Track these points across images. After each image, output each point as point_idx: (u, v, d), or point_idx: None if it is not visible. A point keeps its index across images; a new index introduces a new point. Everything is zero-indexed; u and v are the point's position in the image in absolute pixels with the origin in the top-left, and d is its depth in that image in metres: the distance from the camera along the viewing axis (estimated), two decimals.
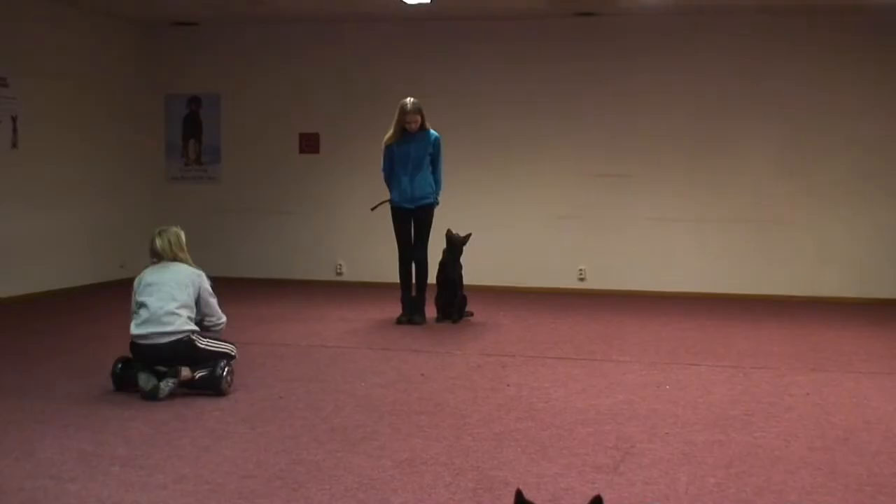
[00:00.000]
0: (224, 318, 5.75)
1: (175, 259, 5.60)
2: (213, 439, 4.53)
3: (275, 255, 10.85)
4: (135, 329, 5.41)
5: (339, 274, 10.73)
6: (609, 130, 10.01)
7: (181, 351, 5.37)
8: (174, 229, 5.72)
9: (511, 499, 2.59)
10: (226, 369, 5.42)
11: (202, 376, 5.38)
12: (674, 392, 5.59)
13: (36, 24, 9.38)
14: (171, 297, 5.41)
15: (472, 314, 8.21)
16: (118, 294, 9.66)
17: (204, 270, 5.73)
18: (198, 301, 5.55)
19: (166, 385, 5.29)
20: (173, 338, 5.36)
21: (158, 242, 5.63)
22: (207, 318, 5.64)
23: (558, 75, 10.09)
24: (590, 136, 10.07)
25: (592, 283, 10.09)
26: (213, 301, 5.65)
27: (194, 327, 5.47)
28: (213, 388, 5.37)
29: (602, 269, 10.08)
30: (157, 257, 5.63)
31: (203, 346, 5.48)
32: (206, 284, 5.61)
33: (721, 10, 9.56)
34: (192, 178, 11.08)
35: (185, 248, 5.68)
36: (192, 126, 11.07)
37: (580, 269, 10.15)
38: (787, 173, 9.69)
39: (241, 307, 8.65)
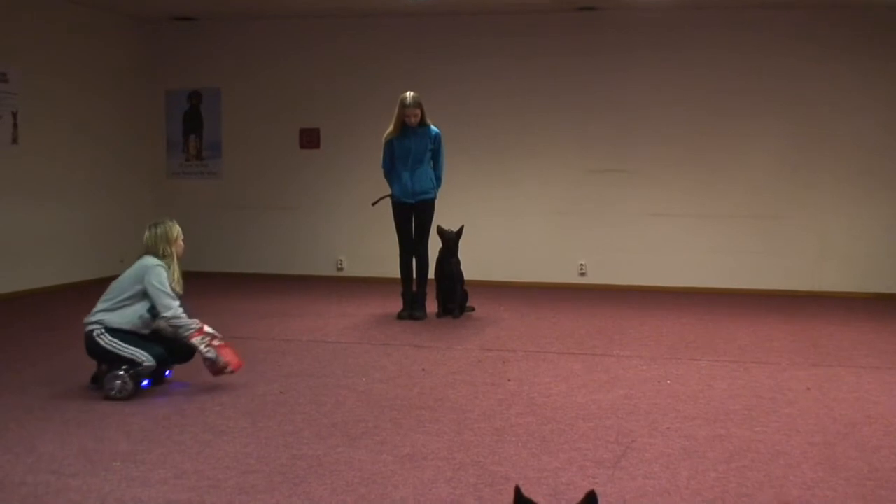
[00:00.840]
0: (171, 311, 5.33)
1: (151, 253, 5.48)
2: (214, 434, 4.53)
3: (275, 251, 10.85)
4: None
5: (340, 269, 10.73)
6: (610, 125, 10.01)
7: (89, 345, 5.36)
8: (167, 223, 5.56)
9: (512, 494, 2.59)
10: (113, 373, 5.21)
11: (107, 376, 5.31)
12: (675, 387, 5.59)
13: (36, 20, 9.37)
14: (106, 291, 5.46)
15: (473, 309, 8.21)
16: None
17: (204, 265, 5.70)
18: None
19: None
20: (85, 330, 5.37)
21: (146, 235, 5.55)
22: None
23: (559, 70, 10.08)
24: (591, 131, 10.06)
25: (593, 278, 10.09)
26: (160, 293, 5.32)
27: (104, 322, 5.31)
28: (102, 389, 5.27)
29: (603, 264, 10.08)
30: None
31: (104, 343, 5.28)
32: (152, 277, 5.32)
33: (721, 5, 9.54)
34: (193, 174, 11.08)
35: (170, 240, 5.51)
36: (193, 121, 11.06)
37: (581, 264, 10.14)
38: (788, 168, 9.69)
39: (242, 303, 8.65)
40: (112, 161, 10.50)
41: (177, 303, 5.39)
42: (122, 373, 5.20)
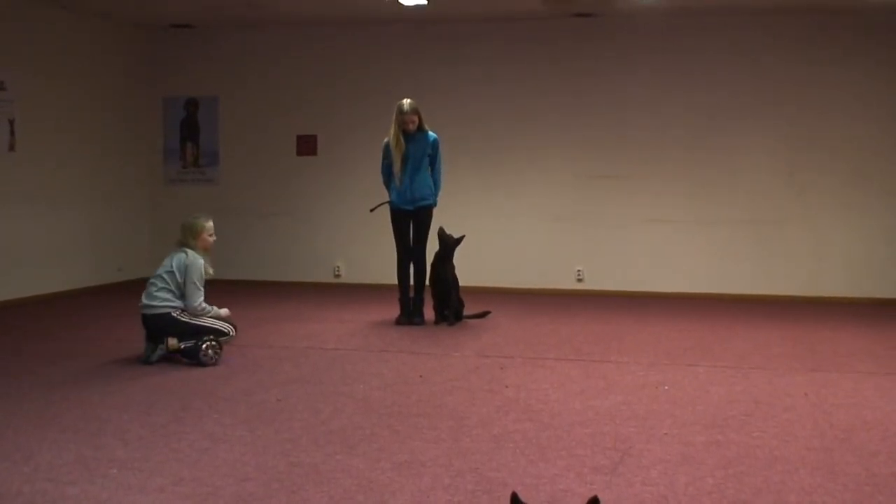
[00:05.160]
0: (195, 303, 6.29)
1: (185, 245, 6.39)
2: (212, 442, 4.52)
3: (272, 258, 10.85)
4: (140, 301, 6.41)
5: (337, 276, 10.73)
6: (607, 131, 10.02)
7: (164, 323, 6.26)
8: (196, 218, 6.48)
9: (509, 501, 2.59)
10: (206, 343, 6.18)
11: (187, 347, 6.23)
12: (672, 393, 5.59)
13: (33, 28, 9.37)
14: (162, 279, 6.33)
15: (489, 313, 8.28)
16: (117, 297, 9.67)
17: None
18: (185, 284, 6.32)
19: (157, 351, 6.29)
20: (157, 311, 6.27)
21: (181, 229, 6.45)
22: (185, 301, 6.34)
23: (555, 76, 10.10)
24: (587, 137, 10.07)
25: (590, 284, 10.10)
26: (191, 288, 6.28)
27: (177, 305, 6.28)
28: (193, 358, 6.20)
29: (600, 269, 10.09)
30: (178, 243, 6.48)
31: (185, 320, 6.27)
32: (192, 274, 6.28)
33: (717, 11, 9.56)
34: (190, 181, 11.08)
35: (197, 235, 6.41)
36: (190, 129, 11.07)
37: (578, 270, 10.15)
38: (785, 173, 9.70)
39: (240, 309, 8.62)
40: (109, 168, 10.50)
41: (202, 295, 6.32)
42: (210, 342, 6.19)
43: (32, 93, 9.30)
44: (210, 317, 6.37)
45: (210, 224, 6.50)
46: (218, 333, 6.32)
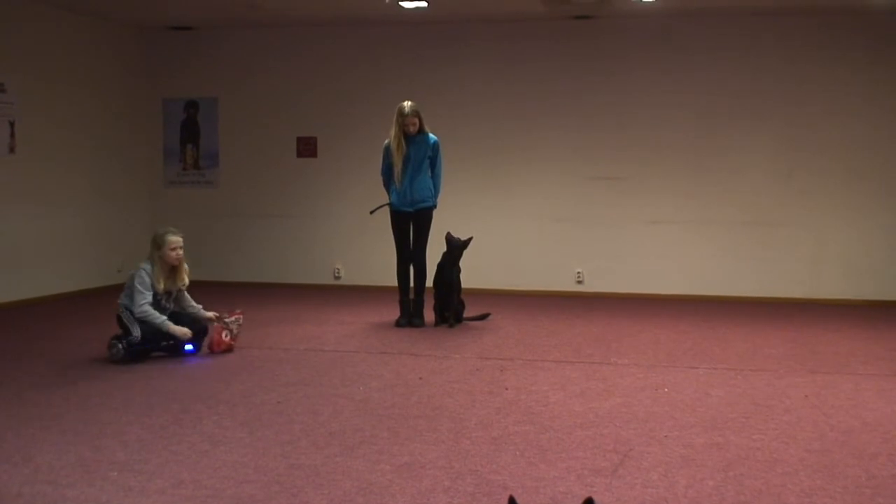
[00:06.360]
0: (135, 307, 6.48)
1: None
2: (212, 444, 4.52)
3: (272, 260, 10.85)
4: None
5: (337, 278, 10.73)
6: (606, 133, 10.02)
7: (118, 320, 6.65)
8: (162, 232, 6.65)
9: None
10: (112, 342, 6.50)
11: None
12: (672, 395, 5.59)
13: (34, 29, 9.38)
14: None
15: (488, 315, 8.26)
16: (116, 298, 9.64)
17: (201, 274, 6.57)
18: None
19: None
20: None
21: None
22: None
23: (555, 78, 10.10)
24: (587, 139, 10.07)
25: (590, 286, 10.09)
26: (134, 292, 6.51)
27: (124, 304, 6.56)
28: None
29: (599, 271, 10.09)
30: None
31: (123, 319, 6.55)
32: (134, 279, 6.52)
33: (717, 13, 9.57)
34: (190, 183, 11.08)
35: (157, 245, 6.58)
36: (190, 130, 11.06)
37: (577, 272, 10.15)
38: (784, 175, 9.70)
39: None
40: (109, 170, 10.51)
41: (145, 301, 6.48)
42: (117, 342, 6.47)
43: (33, 95, 9.31)
44: (151, 321, 6.46)
45: (176, 239, 6.59)
46: (127, 333, 6.50)
